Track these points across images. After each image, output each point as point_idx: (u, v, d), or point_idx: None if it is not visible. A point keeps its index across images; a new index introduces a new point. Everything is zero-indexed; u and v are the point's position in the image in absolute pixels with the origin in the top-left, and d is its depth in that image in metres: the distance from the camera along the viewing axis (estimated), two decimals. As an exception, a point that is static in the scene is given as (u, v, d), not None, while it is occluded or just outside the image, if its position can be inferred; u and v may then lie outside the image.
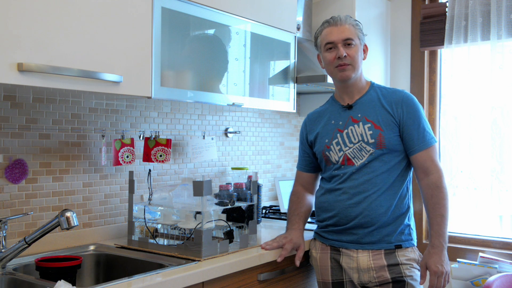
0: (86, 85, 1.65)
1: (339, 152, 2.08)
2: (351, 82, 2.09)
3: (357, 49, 2.07)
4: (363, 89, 2.13)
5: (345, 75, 2.06)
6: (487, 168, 2.96)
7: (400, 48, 3.35)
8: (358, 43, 2.08)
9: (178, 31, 2.00)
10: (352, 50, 2.06)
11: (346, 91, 2.13)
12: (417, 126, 2.03)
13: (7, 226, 1.77)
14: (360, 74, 2.11)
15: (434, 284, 1.96)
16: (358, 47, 2.07)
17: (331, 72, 2.11)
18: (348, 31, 2.06)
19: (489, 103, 2.95)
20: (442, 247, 1.98)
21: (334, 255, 2.09)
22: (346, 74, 2.06)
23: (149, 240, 2.03)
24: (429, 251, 1.99)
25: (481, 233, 3.07)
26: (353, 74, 2.07)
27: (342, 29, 2.06)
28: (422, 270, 1.99)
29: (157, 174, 2.41)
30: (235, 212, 2.17)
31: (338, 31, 2.06)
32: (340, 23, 2.07)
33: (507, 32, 2.85)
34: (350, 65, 2.05)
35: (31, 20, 1.50)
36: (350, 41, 2.05)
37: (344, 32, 2.05)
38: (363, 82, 2.14)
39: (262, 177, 3.04)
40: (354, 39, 2.06)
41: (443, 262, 1.96)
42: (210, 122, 2.69)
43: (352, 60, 2.05)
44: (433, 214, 2.00)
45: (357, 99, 2.11)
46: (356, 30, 2.08)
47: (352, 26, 2.08)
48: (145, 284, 1.57)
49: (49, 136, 2.00)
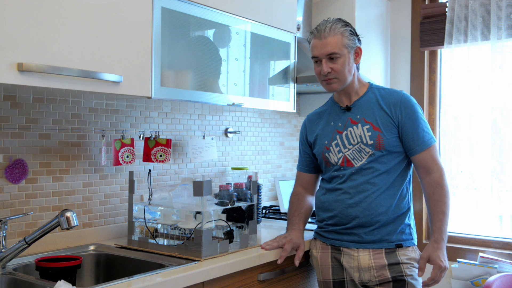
0: (86, 85, 1.65)
1: (339, 153, 2.08)
2: (342, 89, 2.09)
3: (344, 61, 2.02)
4: (361, 90, 2.12)
5: (331, 87, 2.07)
6: (487, 168, 2.96)
7: (400, 48, 3.35)
8: (345, 53, 2.02)
9: (178, 31, 2.00)
10: (337, 64, 2.02)
11: (344, 94, 2.13)
12: (416, 127, 2.02)
13: (7, 226, 1.77)
14: (353, 78, 2.09)
15: (436, 277, 1.98)
16: (345, 57, 2.02)
17: (320, 83, 2.12)
18: (332, 45, 2.00)
19: (489, 103, 2.94)
20: (444, 242, 2.00)
21: (335, 254, 2.09)
22: (332, 87, 2.07)
23: (149, 240, 2.03)
24: (432, 245, 2.00)
25: (481, 233, 3.07)
26: (340, 86, 2.06)
27: (325, 43, 2.01)
28: (422, 262, 2.00)
29: (157, 174, 2.41)
30: (235, 212, 2.17)
31: (322, 46, 2.02)
32: (323, 36, 2.01)
33: (507, 32, 2.85)
34: (335, 79, 2.04)
35: (31, 20, 1.50)
36: (334, 55, 2.01)
37: (327, 47, 2.01)
38: (360, 83, 2.13)
39: (262, 177, 3.04)
40: (340, 51, 2.01)
41: (445, 257, 2.00)
42: (210, 122, 2.69)
43: (337, 74, 2.03)
44: (434, 211, 2.02)
45: (355, 101, 2.11)
46: (343, 39, 2.01)
47: (339, 35, 2.01)
48: (145, 284, 1.57)
49: (49, 136, 2.00)
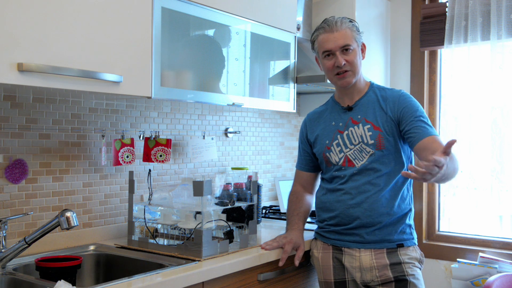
0: (86, 85, 1.65)
1: (340, 153, 2.08)
2: (352, 85, 2.08)
3: (356, 53, 2.04)
4: (363, 90, 2.12)
5: (346, 82, 2.06)
6: (487, 168, 2.96)
7: (400, 48, 3.35)
8: (355, 46, 2.05)
9: (178, 31, 2.00)
10: (350, 56, 2.03)
11: (346, 93, 2.12)
12: (418, 118, 1.97)
13: (7, 226, 1.77)
14: (360, 75, 2.10)
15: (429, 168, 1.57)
16: (356, 50, 2.05)
17: (331, 79, 2.10)
18: (345, 37, 2.02)
19: (489, 103, 2.94)
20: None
21: (336, 255, 2.09)
22: (346, 81, 2.05)
23: (149, 240, 2.03)
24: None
25: (481, 233, 3.06)
26: (354, 79, 2.06)
27: (338, 36, 2.02)
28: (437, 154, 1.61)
29: (157, 174, 2.41)
30: (235, 212, 2.17)
31: (335, 39, 2.03)
32: (336, 29, 2.03)
33: (507, 32, 2.85)
34: (350, 71, 2.04)
35: (31, 20, 1.50)
36: (348, 47, 2.02)
37: (341, 39, 2.02)
38: (362, 83, 2.13)
39: (262, 177, 3.04)
40: (352, 44, 2.03)
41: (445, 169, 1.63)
42: (210, 122, 2.69)
43: (351, 66, 2.04)
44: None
45: (356, 101, 2.11)
46: (352, 33, 2.04)
47: (349, 29, 2.04)
48: (145, 284, 1.57)
49: (49, 136, 2.00)
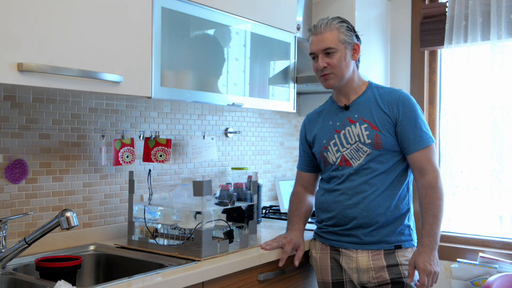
0: (86, 85, 1.65)
1: (337, 153, 2.07)
2: (339, 86, 2.09)
3: (340, 56, 2.03)
4: (360, 89, 2.12)
5: (328, 84, 2.08)
6: (487, 168, 2.96)
7: (400, 48, 3.35)
8: (341, 48, 2.03)
9: (178, 31, 2.00)
10: (333, 59, 2.02)
11: (342, 93, 2.12)
12: (413, 125, 2.00)
13: (7, 226, 1.77)
14: (351, 76, 2.08)
15: (425, 282, 1.91)
16: (341, 53, 2.03)
17: (319, 79, 2.12)
18: (328, 40, 2.02)
19: (489, 103, 2.94)
20: (432, 247, 1.94)
21: (334, 255, 2.09)
22: (328, 83, 2.07)
23: (149, 240, 2.03)
24: (418, 250, 1.96)
25: (481, 233, 3.07)
26: (337, 82, 2.06)
27: (321, 39, 2.03)
28: (410, 268, 1.95)
29: (157, 174, 2.41)
30: (235, 212, 2.17)
31: (318, 41, 2.04)
32: (320, 32, 2.04)
33: (507, 32, 2.85)
34: (332, 74, 2.04)
35: (32, 20, 1.50)
36: (330, 50, 2.02)
37: (322, 42, 2.03)
38: (359, 82, 2.12)
39: (262, 177, 3.04)
40: (336, 46, 2.02)
41: (432, 261, 1.92)
42: (210, 122, 2.69)
43: (333, 69, 2.03)
44: (425, 214, 1.97)
45: (353, 100, 2.10)
46: (339, 34, 2.03)
47: (335, 31, 2.03)
48: (145, 284, 1.57)
49: (49, 136, 2.00)
